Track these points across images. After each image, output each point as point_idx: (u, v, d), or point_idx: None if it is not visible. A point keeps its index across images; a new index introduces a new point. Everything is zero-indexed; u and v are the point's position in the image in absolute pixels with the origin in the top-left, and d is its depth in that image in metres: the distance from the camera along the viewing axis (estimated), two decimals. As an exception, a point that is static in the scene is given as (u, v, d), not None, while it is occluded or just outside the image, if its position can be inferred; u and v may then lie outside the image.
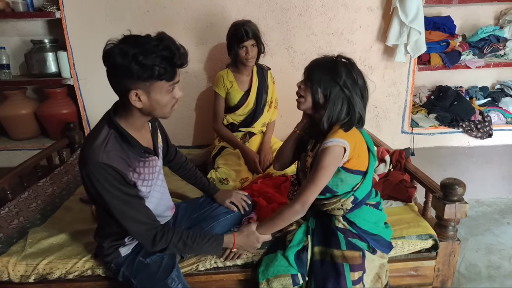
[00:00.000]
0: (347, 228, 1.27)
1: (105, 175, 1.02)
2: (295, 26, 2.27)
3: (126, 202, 1.08)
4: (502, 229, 2.23)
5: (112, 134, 1.07)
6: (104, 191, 1.04)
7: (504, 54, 2.50)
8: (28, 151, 2.35)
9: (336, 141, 1.15)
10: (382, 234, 1.31)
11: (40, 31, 2.39)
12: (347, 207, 1.26)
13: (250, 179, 1.86)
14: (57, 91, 2.33)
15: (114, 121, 1.08)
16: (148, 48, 0.97)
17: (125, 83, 1.00)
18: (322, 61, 1.21)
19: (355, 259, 1.22)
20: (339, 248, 1.23)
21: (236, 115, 2.02)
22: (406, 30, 2.14)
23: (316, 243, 1.28)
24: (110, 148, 1.05)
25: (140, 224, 1.11)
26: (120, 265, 1.23)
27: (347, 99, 1.17)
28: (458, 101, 2.45)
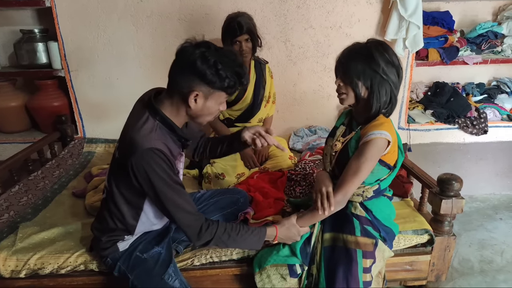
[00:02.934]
0: (363, 215, 1.27)
1: (158, 161, 1.03)
2: (293, 18, 2.24)
3: (176, 190, 1.08)
4: (494, 224, 2.25)
5: (158, 125, 1.09)
6: (156, 178, 1.04)
7: (501, 50, 2.50)
8: (19, 144, 2.29)
9: (382, 133, 1.15)
10: (392, 227, 1.32)
11: (30, 20, 2.32)
12: (368, 195, 1.26)
13: (246, 174, 1.84)
14: (48, 83, 2.28)
15: (160, 113, 1.10)
16: (227, 61, 1.05)
17: (192, 83, 1.05)
18: (354, 51, 1.17)
19: (368, 246, 1.21)
20: (353, 234, 1.22)
21: (232, 110, 1.99)
22: (405, 25, 2.12)
23: (327, 230, 1.27)
24: (159, 136, 1.08)
25: (189, 214, 1.10)
26: (116, 259, 1.22)
27: (389, 85, 1.16)
28: (455, 98, 2.45)
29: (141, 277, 1.19)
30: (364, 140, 1.17)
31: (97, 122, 2.38)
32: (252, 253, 1.35)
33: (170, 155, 1.09)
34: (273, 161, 1.92)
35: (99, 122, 2.38)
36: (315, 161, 1.87)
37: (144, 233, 1.26)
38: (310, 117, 2.44)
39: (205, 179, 1.76)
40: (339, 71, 1.21)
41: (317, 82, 2.39)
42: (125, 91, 2.32)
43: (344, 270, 1.18)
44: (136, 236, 1.24)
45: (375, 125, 1.18)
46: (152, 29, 2.20)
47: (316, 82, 2.39)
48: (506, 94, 2.60)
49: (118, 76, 2.29)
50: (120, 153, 1.12)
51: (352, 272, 1.17)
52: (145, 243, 1.24)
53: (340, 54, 1.21)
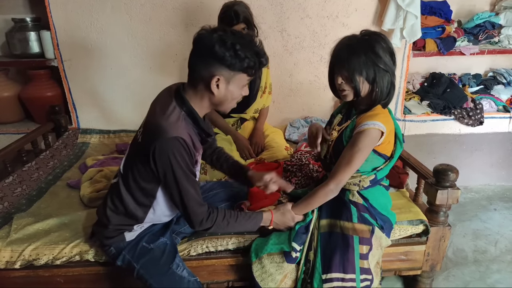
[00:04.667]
0: (360, 202, 1.27)
1: (181, 150, 1.04)
2: (289, 8, 2.21)
3: (191, 180, 1.09)
4: (489, 215, 2.27)
5: (183, 115, 1.10)
6: (177, 166, 1.05)
7: (498, 41, 2.49)
8: (12, 135, 2.26)
9: (376, 124, 1.16)
10: (389, 216, 1.33)
11: (22, 9, 2.27)
12: (364, 184, 1.27)
13: (242, 165, 1.83)
14: (41, 73, 2.24)
15: (187, 104, 1.10)
16: (245, 42, 1.05)
17: (212, 68, 1.05)
18: (354, 46, 1.15)
19: (364, 233, 1.22)
20: (350, 220, 1.23)
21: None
22: (402, 14, 2.10)
23: (324, 216, 1.28)
24: (184, 126, 1.09)
25: (198, 204, 1.12)
26: (121, 249, 1.21)
27: (389, 75, 1.16)
28: (451, 88, 2.45)
29: (148, 266, 1.19)
30: (357, 130, 1.17)
31: (92, 113, 2.36)
32: (248, 244, 1.36)
33: (193, 147, 1.10)
34: (269, 152, 1.91)
35: (93, 112, 2.36)
36: (311, 152, 1.86)
37: (151, 225, 1.25)
38: (306, 108, 2.43)
39: (201, 170, 1.75)
40: (339, 68, 1.18)
41: (313, 73, 2.37)
42: (119, 81, 2.29)
43: (340, 255, 1.19)
44: (145, 226, 1.23)
45: (370, 115, 1.19)
46: (146, 18, 2.16)
47: (312, 73, 2.37)
48: (503, 85, 2.60)
49: (112, 65, 2.25)
50: (144, 138, 1.11)
51: (348, 258, 1.18)
52: (150, 234, 1.24)
53: (338, 49, 1.18)
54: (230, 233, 1.37)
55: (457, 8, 2.50)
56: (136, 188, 1.15)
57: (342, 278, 1.18)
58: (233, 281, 1.42)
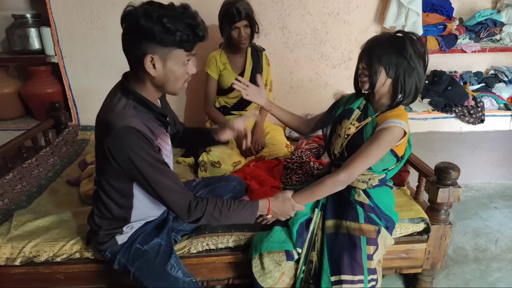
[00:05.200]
0: (366, 202, 1.26)
1: (134, 139, 0.97)
2: (290, 4, 2.20)
3: (158, 169, 1.02)
4: (489, 213, 2.27)
5: (130, 104, 1.03)
6: (136, 157, 0.98)
7: (500, 39, 2.48)
8: (12, 131, 2.26)
9: (402, 124, 1.15)
10: (392, 216, 1.32)
11: (22, 5, 2.26)
12: (373, 183, 1.26)
13: (243, 163, 1.83)
14: (41, 69, 2.24)
15: (131, 90, 1.04)
16: (174, 14, 0.95)
17: (143, 47, 0.96)
18: (385, 39, 1.16)
19: (371, 233, 1.21)
20: (357, 221, 1.22)
21: (228, 98, 1.97)
22: (404, 12, 2.09)
23: (329, 217, 1.26)
24: (133, 113, 1.01)
25: (175, 193, 1.05)
26: (116, 253, 1.19)
27: (415, 76, 1.15)
28: (452, 86, 2.44)
29: (142, 268, 1.16)
30: (382, 126, 1.16)
31: (92, 109, 2.31)
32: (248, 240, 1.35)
33: (150, 133, 1.03)
34: (270, 149, 1.91)
35: (93, 109, 2.29)
36: (311, 149, 1.86)
37: (143, 225, 1.22)
38: (306, 105, 2.43)
39: (201, 167, 1.74)
40: (365, 53, 1.18)
41: (314, 70, 2.36)
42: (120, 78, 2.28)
43: (348, 257, 1.17)
44: (135, 226, 1.20)
45: (394, 115, 1.18)
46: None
47: (313, 70, 2.36)
48: (504, 83, 2.59)
49: (112, 62, 2.25)
50: (96, 137, 1.07)
51: (356, 259, 1.17)
52: (144, 235, 1.20)
53: (372, 40, 1.18)
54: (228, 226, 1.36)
55: (459, 5, 2.49)
56: (112, 191, 1.10)
57: (352, 280, 1.16)
58: (233, 278, 1.42)
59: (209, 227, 1.39)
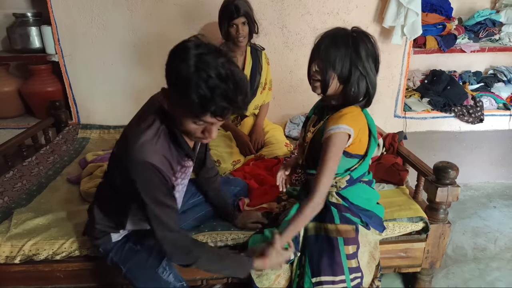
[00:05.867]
0: (340, 202, 1.26)
1: (150, 175, 0.95)
2: (290, 4, 2.20)
3: (162, 206, 0.99)
4: (488, 212, 2.27)
5: (163, 131, 0.99)
6: (144, 191, 0.97)
7: (499, 38, 2.49)
8: (13, 130, 2.26)
9: (342, 127, 1.10)
10: (374, 210, 1.31)
11: (23, 4, 2.27)
12: (341, 185, 1.25)
13: (242, 161, 1.83)
14: (42, 68, 2.24)
15: (166, 117, 0.99)
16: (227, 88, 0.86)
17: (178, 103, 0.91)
18: (338, 38, 1.09)
19: (348, 233, 1.21)
20: (333, 222, 1.22)
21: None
22: (403, 11, 2.09)
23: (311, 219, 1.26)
24: (159, 147, 0.97)
25: (171, 232, 1.02)
26: (108, 250, 1.18)
27: (367, 81, 1.11)
28: (451, 86, 2.44)
29: (134, 270, 1.15)
30: (324, 136, 1.13)
31: (92, 108, 2.35)
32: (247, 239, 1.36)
33: (169, 170, 1.01)
34: (269, 148, 1.91)
35: (93, 107, 2.35)
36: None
37: None
38: (306, 105, 2.43)
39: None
40: (317, 56, 1.11)
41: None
42: (120, 77, 2.29)
43: (327, 258, 1.19)
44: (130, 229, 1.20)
45: (336, 117, 1.13)
46: (147, 14, 2.16)
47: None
48: (503, 82, 2.60)
49: (112, 61, 2.25)
50: (117, 150, 1.07)
51: (335, 260, 1.18)
52: (138, 235, 1.19)
53: (323, 37, 1.10)
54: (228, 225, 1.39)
55: (458, 5, 2.50)
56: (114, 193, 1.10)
57: (332, 280, 1.18)
58: (232, 277, 1.42)
59: (208, 225, 1.39)
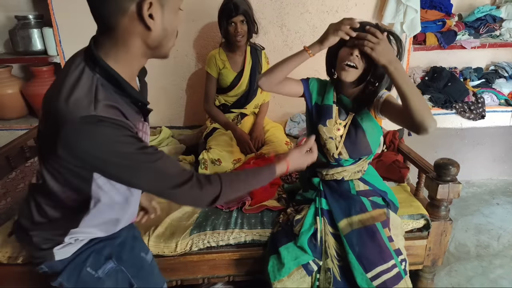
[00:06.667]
0: (366, 188, 1.28)
1: (105, 132, 0.69)
2: (289, 3, 2.20)
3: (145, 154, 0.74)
4: (491, 209, 2.26)
5: (98, 81, 0.73)
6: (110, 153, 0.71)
7: (499, 34, 2.47)
8: (15, 131, 2.29)
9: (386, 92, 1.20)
10: (387, 190, 1.34)
11: (24, 6, 2.29)
12: (365, 168, 1.28)
13: (243, 160, 1.84)
14: (44, 69, 2.26)
15: (101, 62, 0.73)
16: None
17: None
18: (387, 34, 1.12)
19: (381, 216, 1.22)
20: (366, 210, 1.22)
21: (228, 96, 1.98)
22: (402, 8, 2.09)
23: (339, 218, 1.23)
24: (101, 97, 0.71)
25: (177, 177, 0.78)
26: (56, 272, 0.88)
27: None
28: (452, 82, 2.44)
29: None
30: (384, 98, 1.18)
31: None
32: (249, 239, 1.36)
33: (125, 119, 0.74)
34: (269, 146, 1.91)
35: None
36: (311, 146, 1.86)
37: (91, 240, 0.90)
38: (307, 104, 2.43)
39: (201, 165, 1.75)
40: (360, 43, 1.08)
41: (313, 67, 2.34)
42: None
43: (374, 248, 1.16)
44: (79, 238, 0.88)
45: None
46: (146, 15, 2.17)
47: (312, 67, 2.33)
48: (504, 78, 2.58)
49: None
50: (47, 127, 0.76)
51: (381, 246, 1.16)
52: (94, 254, 0.89)
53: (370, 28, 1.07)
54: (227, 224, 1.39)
55: (458, 1, 2.49)
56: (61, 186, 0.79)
57: (386, 268, 1.15)
58: (234, 275, 1.42)
59: (210, 224, 1.40)
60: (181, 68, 2.31)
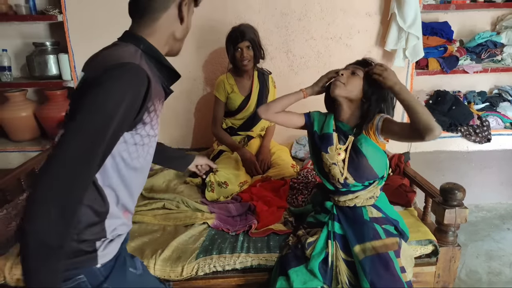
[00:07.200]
0: (379, 216, 1.28)
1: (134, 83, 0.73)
2: (294, 30, 2.29)
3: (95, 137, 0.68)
4: (502, 235, 2.22)
5: (141, 53, 0.82)
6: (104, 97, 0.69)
7: (501, 59, 2.51)
8: (27, 152, 2.35)
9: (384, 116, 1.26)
10: (399, 219, 1.34)
11: (42, 33, 2.40)
12: (377, 194, 1.29)
13: (249, 182, 1.85)
14: (57, 93, 2.34)
15: (144, 40, 0.84)
16: None
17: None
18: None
19: (394, 246, 1.22)
20: (379, 238, 1.22)
21: (235, 119, 2.03)
22: (404, 35, 2.16)
23: (354, 243, 1.24)
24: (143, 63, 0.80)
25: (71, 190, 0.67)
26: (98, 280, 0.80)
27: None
28: (457, 106, 2.46)
29: None
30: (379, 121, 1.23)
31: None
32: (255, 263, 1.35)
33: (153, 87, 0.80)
34: (276, 169, 1.93)
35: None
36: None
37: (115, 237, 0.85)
38: (312, 127, 2.46)
39: (208, 187, 1.77)
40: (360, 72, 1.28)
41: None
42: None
43: (386, 275, 1.15)
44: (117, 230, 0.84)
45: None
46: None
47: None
48: (508, 102, 2.60)
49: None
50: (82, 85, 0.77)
51: (394, 276, 1.15)
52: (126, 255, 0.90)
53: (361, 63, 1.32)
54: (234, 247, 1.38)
55: (459, 28, 2.55)
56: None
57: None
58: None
59: (216, 248, 1.40)
60: (190, 92, 2.38)
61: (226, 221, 1.54)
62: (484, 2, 2.33)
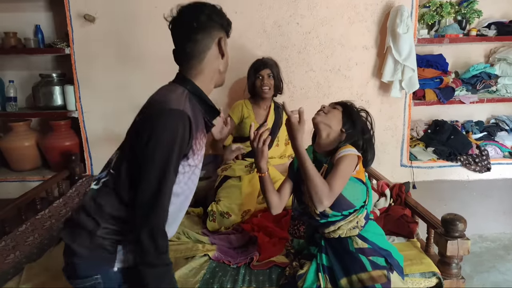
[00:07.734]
0: (365, 246, 1.25)
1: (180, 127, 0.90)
2: (294, 63, 2.37)
3: (168, 171, 0.89)
4: (507, 266, 2.17)
5: (187, 94, 1.00)
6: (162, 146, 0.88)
7: (496, 90, 2.58)
8: (27, 182, 2.35)
9: (352, 151, 1.24)
10: (391, 250, 1.30)
11: (49, 65, 2.48)
12: (361, 223, 1.25)
13: (252, 211, 1.84)
14: (61, 123, 2.38)
15: (190, 81, 1.01)
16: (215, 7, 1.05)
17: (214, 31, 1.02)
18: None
19: (381, 278, 1.18)
20: (365, 270, 1.19)
21: (246, 145, 2.05)
22: (400, 68, 2.23)
23: (340, 276, 1.22)
24: (188, 105, 0.97)
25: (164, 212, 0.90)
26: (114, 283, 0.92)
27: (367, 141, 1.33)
28: (455, 135, 2.49)
29: None
30: (337, 157, 1.22)
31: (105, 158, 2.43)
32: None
33: (195, 127, 0.96)
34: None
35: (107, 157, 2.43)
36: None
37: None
38: (313, 155, 2.48)
39: (210, 217, 1.76)
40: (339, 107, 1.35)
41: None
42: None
43: None
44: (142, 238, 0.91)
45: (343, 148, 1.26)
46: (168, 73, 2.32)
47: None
48: (506, 131, 2.64)
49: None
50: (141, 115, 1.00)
51: None
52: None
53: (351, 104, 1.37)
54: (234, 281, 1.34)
55: (453, 60, 2.64)
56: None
57: None
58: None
59: (217, 281, 1.37)
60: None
61: (227, 253, 1.52)
62: (476, 36, 2.43)
